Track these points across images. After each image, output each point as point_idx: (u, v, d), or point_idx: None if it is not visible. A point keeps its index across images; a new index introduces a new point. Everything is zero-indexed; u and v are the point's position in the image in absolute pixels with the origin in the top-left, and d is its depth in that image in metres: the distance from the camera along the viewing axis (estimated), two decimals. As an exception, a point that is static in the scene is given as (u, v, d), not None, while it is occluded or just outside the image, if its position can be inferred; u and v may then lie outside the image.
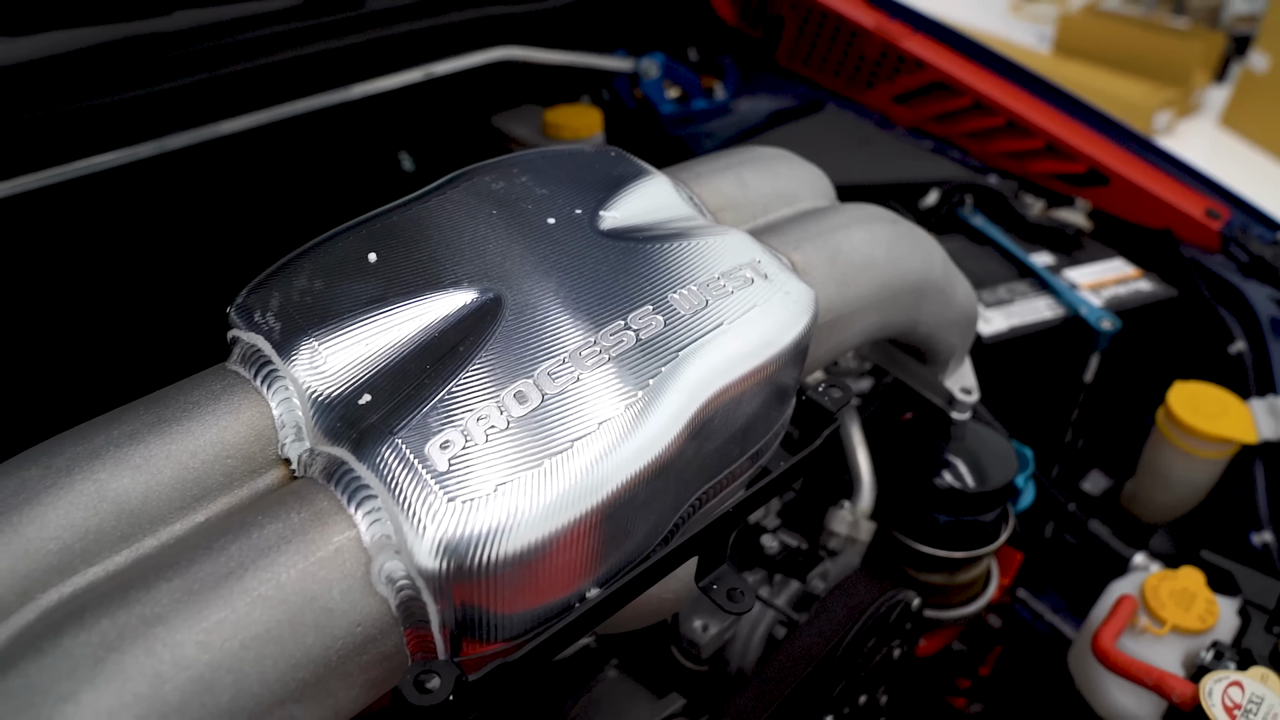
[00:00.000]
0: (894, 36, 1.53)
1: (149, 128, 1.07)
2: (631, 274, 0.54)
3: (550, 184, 0.60)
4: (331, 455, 0.45)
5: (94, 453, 0.44)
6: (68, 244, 1.07)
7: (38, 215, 1.01)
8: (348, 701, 0.44)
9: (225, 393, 0.47)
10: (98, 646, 0.37)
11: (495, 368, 0.47)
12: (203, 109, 1.10)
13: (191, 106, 1.09)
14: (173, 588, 0.39)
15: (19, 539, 0.41)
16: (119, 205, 1.08)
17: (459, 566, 0.42)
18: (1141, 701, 0.83)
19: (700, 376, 0.50)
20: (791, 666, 0.75)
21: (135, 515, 0.43)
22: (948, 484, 0.87)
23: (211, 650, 0.38)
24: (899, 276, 0.72)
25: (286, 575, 0.40)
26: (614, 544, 0.49)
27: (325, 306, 0.49)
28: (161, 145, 1.06)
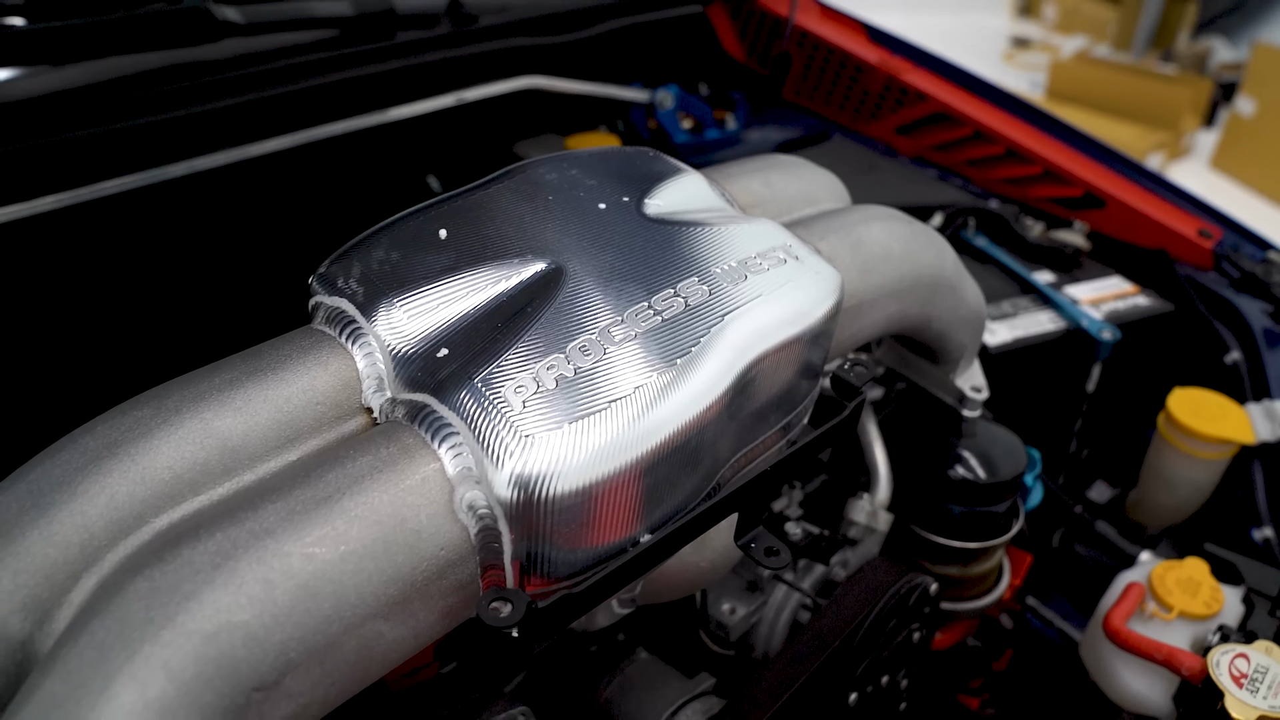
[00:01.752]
0: (897, 71, 1.61)
1: (194, 146, 1.13)
2: (677, 251, 0.59)
3: (597, 176, 0.65)
4: (413, 400, 0.49)
5: (199, 396, 0.48)
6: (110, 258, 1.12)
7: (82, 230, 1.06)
8: (425, 627, 0.48)
9: (314, 348, 0.52)
10: (215, 555, 0.42)
11: (561, 326, 0.52)
12: (246, 129, 1.16)
13: (237, 127, 1.15)
14: (277, 508, 0.44)
15: (136, 468, 0.45)
16: (164, 220, 1.14)
17: (531, 498, 0.46)
18: (1153, 685, 0.86)
19: (744, 338, 0.55)
20: (817, 644, 0.78)
21: (236, 452, 0.47)
22: (961, 475, 0.91)
23: (315, 561, 0.42)
24: (915, 269, 0.77)
25: (379, 499, 0.45)
26: (665, 490, 0.53)
27: (403, 274, 0.54)
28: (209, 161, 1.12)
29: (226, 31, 1.18)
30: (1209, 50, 4.64)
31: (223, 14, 1.17)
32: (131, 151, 1.07)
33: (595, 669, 0.85)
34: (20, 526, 0.44)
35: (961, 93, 1.57)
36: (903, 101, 1.61)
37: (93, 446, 0.46)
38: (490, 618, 0.46)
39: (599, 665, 0.85)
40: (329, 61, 1.22)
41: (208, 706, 0.39)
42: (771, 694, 0.75)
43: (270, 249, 1.21)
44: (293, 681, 0.42)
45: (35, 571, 0.44)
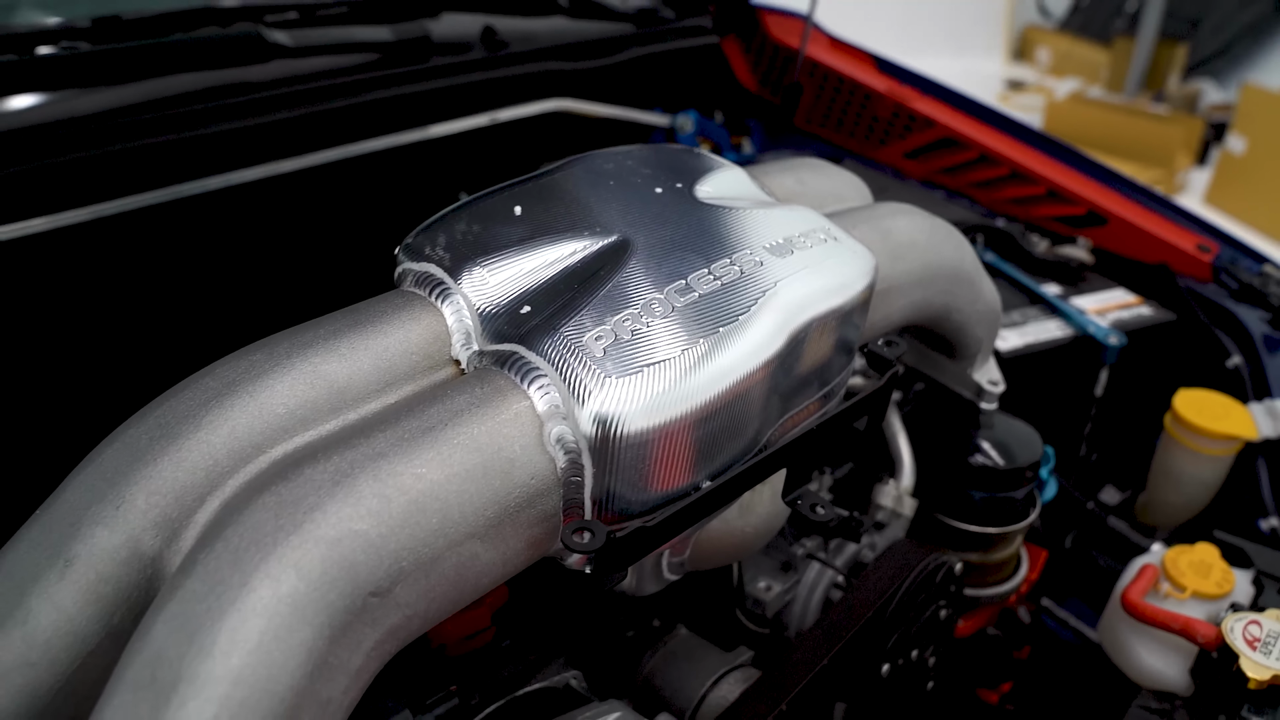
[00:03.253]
0: (905, 98, 1.69)
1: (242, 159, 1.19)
2: (729, 228, 0.64)
3: (649, 167, 0.71)
4: (501, 350, 0.54)
5: (306, 343, 0.53)
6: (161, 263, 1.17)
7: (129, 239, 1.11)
8: (513, 554, 0.52)
9: (406, 305, 0.57)
10: (334, 473, 0.46)
11: (632, 287, 0.57)
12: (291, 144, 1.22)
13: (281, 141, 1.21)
14: (387, 436, 0.48)
15: (254, 404, 0.50)
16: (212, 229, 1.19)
17: (608, 434, 0.51)
18: (1170, 662, 0.90)
19: (794, 303, 0.60)
20: (850, 615, 0.82)
21: (341, 393, 0.52)
22: (980, 462, 0.96)
23: (424, 481, 0.47)
24: (939, 259, 0.82)
25: (479, 430, 0.49)
26: (724, 439, 0.58)
27: (485, 242, 0.59)
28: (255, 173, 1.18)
29: (276, 54, 1.25)
30: (1199, 92, 4.78)
31: (273, 37, 1.25)
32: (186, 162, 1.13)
33: (636, 647, 0.88)
34: (152, 453, 0.49)
35: (967, 118, 1.65)
36: (911, 127, 1.68)
37: (213, 385, 0.51)
38: (574, 544, 0.51)
39: (639, 645, 0.89)
40: (369, 82, 1.29)
41: (331, 606, 0.43)
42: (808, 662, 0.79)
43: (313, 257, 1.26)
44: (402, 591, 0.46)
45: (166, 493, 0.48)
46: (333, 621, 0.43)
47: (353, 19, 1.38)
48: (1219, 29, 5.16)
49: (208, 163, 1.14)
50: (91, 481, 0.49)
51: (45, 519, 0.50)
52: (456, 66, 1.36)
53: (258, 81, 1.24)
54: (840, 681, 0.82)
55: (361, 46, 1.34)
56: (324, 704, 0.44)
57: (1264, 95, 3.98)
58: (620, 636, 0.88)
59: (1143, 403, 1.32)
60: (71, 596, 0.48)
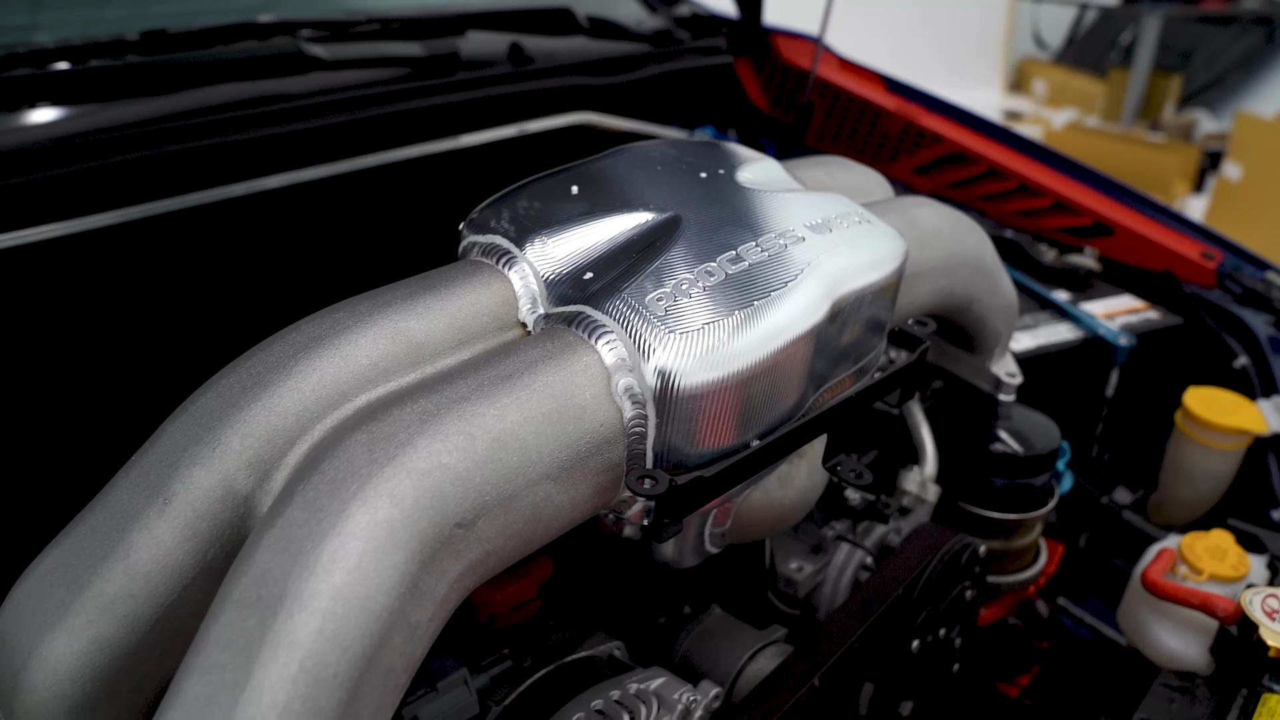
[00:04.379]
0: (914, 116, 1.74)
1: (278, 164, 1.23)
2: (772, 208, 0.68)
3: (691, 155, 0.75)
4: (567, 311, 0.58)
5: (386, 303, 0.57)
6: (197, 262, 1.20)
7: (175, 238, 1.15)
8: (580, 500, 0.55)
9: (475, 272, 0.60)
10: (422, 413, 0.50)
11: (686, 256, 0.61)
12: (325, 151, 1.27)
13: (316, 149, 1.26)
14: (468, 383, 0.52)
15: (339, 355, 0.54)
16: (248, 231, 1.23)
17: (670, 386, 0.55)
18: (1189, 641, 0.93)
19: (836, 274, 0.64)
20: (880, 593, 0.85)
21: (419, 348, 0.56)
22: (1001, 449, 0.99)
23: (505, 421, 0.50)
24: (962, 249, 0.86)
25: (553, 378, 0.53)
26: (773, 398, 0.61)
27: (546, 217, 0.63)
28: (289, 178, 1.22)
29: (313, 66, 1.31)
30: (1194, 121, 4.87)
31: (311, 51, 1.30)
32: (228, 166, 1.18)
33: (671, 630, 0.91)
34: (245, 399, 0.52)
35: (974, 134, 1.70)
36: (920, 144, 1.74)
37: (300, 340, 0.55)
38: (639, 489, 0.54)
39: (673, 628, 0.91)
40: (402, 93, 1.34)
41: (422, 533, 0.47)
42: (841, 635, 0.81)
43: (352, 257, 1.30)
44: (484, 525, 0.49)
45: (259, 435, 0.52)
46: (423, 549, 0.47)
47: (383, 35, 1.44)
48: (1211, 61, 5.27)
49: (249, 167, 1.18)
50: (187, 426, 0.53)
51: (144, 461, 0.53)
52: (486, 80, 1.41)
53: (296, 93, 1.29)
54: (872, 656, 0.84)
55: (395, 61, 1.39)
56: (413, 627, 0.47)
57: (1259, 123, 4.07)
58: (658, 615, 0.90)
59: (1152, 403, 1.36)
60: (170, 532, 0.51)
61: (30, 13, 1.41)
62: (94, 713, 0.52)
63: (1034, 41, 5.88)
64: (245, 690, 0.42)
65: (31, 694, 0.50)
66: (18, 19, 1.38)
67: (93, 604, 0.50)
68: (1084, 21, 5.79)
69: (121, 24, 1.29)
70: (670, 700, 0.71)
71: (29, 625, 0.51)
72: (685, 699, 0.72)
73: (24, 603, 0.52)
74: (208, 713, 0.43)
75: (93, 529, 0.53)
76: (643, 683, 0.72)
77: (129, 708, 0.53)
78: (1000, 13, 5.99)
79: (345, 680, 0.44)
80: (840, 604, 0.94)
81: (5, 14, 1.38)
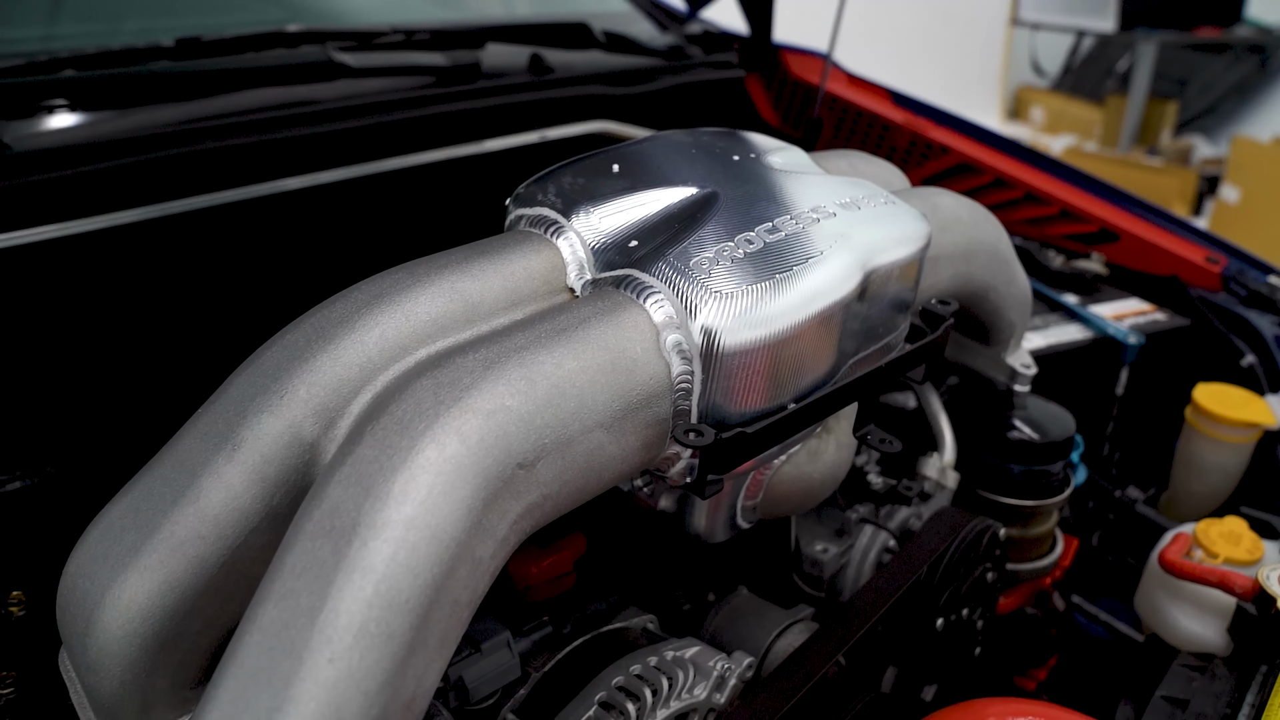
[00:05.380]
0: (921, 128, 1.79)
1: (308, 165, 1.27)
2: (804, 187, 0.71)
3: (722, 141, 0.78)
4: (615, 274, 0.60)
5: (442, 265, 0.60)
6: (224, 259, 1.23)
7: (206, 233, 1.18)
8: (630, 452, 0.57)
9: (525, 241, 0.63)
10: (483, 361, 0.52)
11: (725, 226, 0.63)
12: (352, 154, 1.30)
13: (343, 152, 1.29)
14: (525, 336, 0.54)
15: (400, 312, 0.56)
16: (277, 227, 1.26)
17: (714, 344, 0.57)
18: (1207, 623, 0.94)
19: (867, 246, 0.67)
20: (905, 570, 0.87)
21: (475, 307, 0.58)
22: (1018, 436, 1.01)
23: (562, 369, 0.53)
24: (980, 236, 0.89)
25: (605, 332, 0.55)
26: (809, 361, 0.63)
27: (591, 191, 0.66)
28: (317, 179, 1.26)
29: (341, 74, 1.35)
30: (1191, 147, 4.94)
31: (340, 59, 1.34)
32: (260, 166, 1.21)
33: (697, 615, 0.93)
34: (311, 351, 0.55)
35: (980, 145, 1.74)
36: (928, 155, 1.78)
37: (362, 297, 0.57)
38: (686, 440, 0.56)
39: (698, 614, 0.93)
40: (428, 99, 1.38)
41: (487, 471, 0.49)
42: (867, 610, 0.83)
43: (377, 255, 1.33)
44: (543, 467, 0.52)
45: (325, 385, 0.54)
46: (487, 486, 0.49)
47: (407, 46, 1.48)
48: (1207, 88, 5.36)
49: (282, 166, 1.22)
50: (254, 378, 0.55)
51: (211, 411, 0.55)
52: (509, 88, 1.46)
53: (324, 99, 1.32)
54: (897, 633, 0.86)
55: (419, 70, 1.43)
56: (476, 562, 0.49)
57: (1255, 147, 4.14)
58: (683, 602, 0.92)
59: (1162, 402, 1.38)
60: (239, 476, 0.53)
61: (46, 25, 1.46)
62: (163, 652, 0.53)
63: (1032, 69, 5.98)
64: (321, 613, 0.44)
65: (105, 632, 0.52)
66: (34, 31, 1.43)
67: (164, 545, 0.52)
68: (1081, 49, 5.89)
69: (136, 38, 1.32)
70: (706, 667, 0.73)
71: (101, 567, 0.53)
72: (720, 667, 0.74)
73: (95, 547, 0.55)
74: (284, 636, 0.45)
75: (161, 477, 0.55)
76: (678, 651, 0.74)
77: (194, 651, 0.55)
78: (998, 41, 6.09)
79: (416, 606, 0.46)
80: (865, 584, 0.95)
81: (22, 27, 1.43)
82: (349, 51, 1.38)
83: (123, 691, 0.54)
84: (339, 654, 0.44)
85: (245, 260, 1.20)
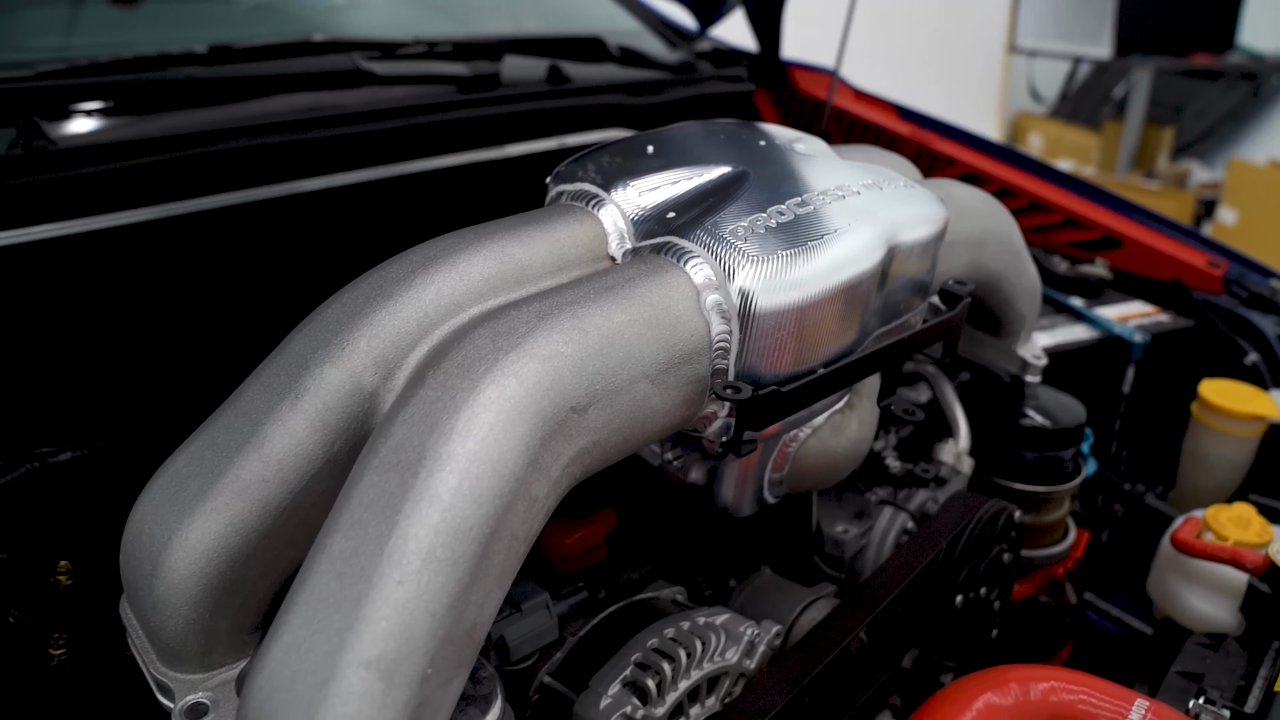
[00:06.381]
0: (927, 140, 1.83)
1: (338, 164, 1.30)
2: (829, 168, 0.75)
3: (748, 130, 0.82)
4: (655, 242, 0.64)
5: (492, 232, 0.63)
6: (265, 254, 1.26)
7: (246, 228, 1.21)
8: (672, 406, 0.60)
9: (568, 212, 0.67)
10: (537, 313, 0.55)
11: (758, 199, 0.67)
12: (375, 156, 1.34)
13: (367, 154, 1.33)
14: (574, 292, 0.58)
15: (455, 272, 0.59)
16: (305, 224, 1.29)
17: (754, 306, 0.60)
18: (1219, 604, 0.96)
19: (891, 221, 0.70)
20: (925, 546, 0.89)
21: (524, 270, 0.61)
22: (1031, 424, 1.04)
23: (611, 321, 0.56)
24: (993, 225, 0.93)
25: (649, 290, 0.59)
26: (837, 327, 0.66)
27: (629, 169, 0.69)
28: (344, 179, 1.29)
29: (367, 81, 1.39)
30: (1187, 171, 5.01)
31: (367, 67, 1.39)
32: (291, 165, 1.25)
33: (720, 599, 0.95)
34: (370, 306, 0.58)
35: (984, 156, 1.79)
36: (933, 166, 1.82)
37: (417, 260, 0.60)
38: (726, 395, 0.59)
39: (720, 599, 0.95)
40: (452, 104, 1.42)
41: (543, 412, 0.52)
42: (889, 584, 0.85)
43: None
44: (594, 413, 0.54)
45: (384, 337, 0.57)
46: (543, 425, 0.52)
47: (429, 57, 1.52)
48: (1202, 115, 5.44)
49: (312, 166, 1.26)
50: (316, 332, 0.58)
51: (273, 365, 0.58)
52: (529, 96, 1.50)
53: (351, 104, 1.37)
54: (918, 607, 0.88)
55: (442, 79, 1.48)
56: (532, 500, 0.52)
57: (1252, 170, 4.21)
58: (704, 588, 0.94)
59: (1168, 401, 1.41)
60: (302, 423, 0.56)
61: (64, 36, 1.50)
62: (226, 594, 0.56)
63: (1030, 95, 6.07)
64: (390, 540, 0.47)
65: (172, 572, 0.55)
66: (50, 41, 1.47)
67: (229, 489, 0.55)
68: (1077, 76, 5.99)
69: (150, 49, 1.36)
70: (737, 633, 0.75)
71: (168, 512, 0.56)
72: (750, 633, 0.76)
73: (160, 494, 0.57)
74: (354, 562, 0.47)
75: (225, 426, 0.58)
76: (709, 617, 0.76)
77: (254, 594, 0.57)
78: (996, 68, 6.19)
79: (479, 535, 0.48)
80: (886, 561, 0.97)
81: (39, 37, 1.47)
82: (376, 61, 1.43)
83: (187, 631, 0.56)
84: (408, 576, 0.46)
85: (281, 252, 1.23)
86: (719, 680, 0.74)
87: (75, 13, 1.51)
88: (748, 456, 0.78)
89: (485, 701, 0.57)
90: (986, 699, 0.73)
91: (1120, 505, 1.30)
